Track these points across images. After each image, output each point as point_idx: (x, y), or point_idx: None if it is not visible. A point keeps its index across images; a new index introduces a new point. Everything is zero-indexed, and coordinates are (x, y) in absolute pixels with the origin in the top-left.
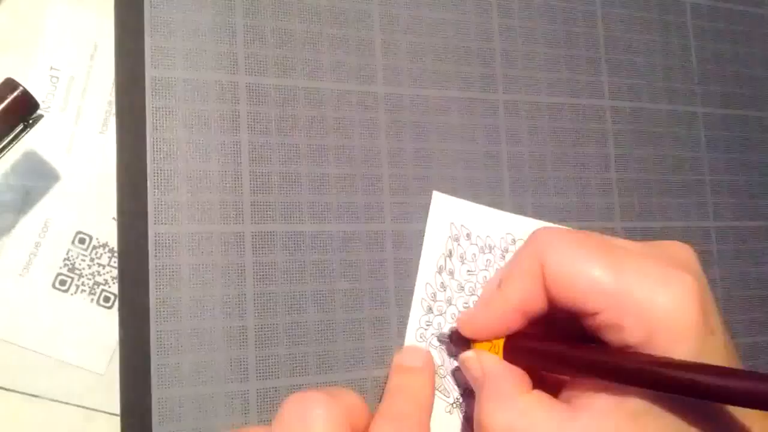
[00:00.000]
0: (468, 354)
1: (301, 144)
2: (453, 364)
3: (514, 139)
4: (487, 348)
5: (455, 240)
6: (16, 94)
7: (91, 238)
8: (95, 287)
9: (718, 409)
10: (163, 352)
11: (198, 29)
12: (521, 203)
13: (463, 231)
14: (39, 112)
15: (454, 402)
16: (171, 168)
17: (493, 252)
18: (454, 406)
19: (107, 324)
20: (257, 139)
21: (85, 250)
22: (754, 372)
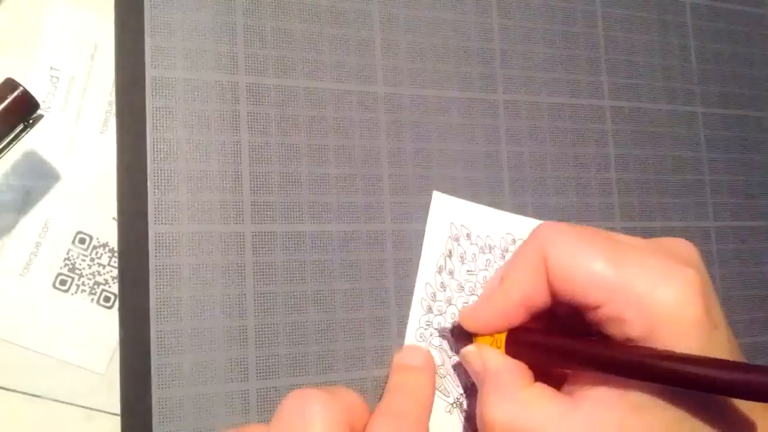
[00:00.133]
0: (469, 348)
1: (301, 144)
2: (454, 363)
3: (514, 139)
4: (489, 342)
5: (455, 240)
6: (16, 94)
7: (92, 238)
8: (95, 287)
9: (722, 402)
10: (163, 352)
11: (198, 29)
12: (521, 203)
13: (463, 231)
14: (39, 112)
15: (454, 402)
16: (171, 168)
17: (493, 252)
18: (454, 405)
19: (107, 324)
20: (257, 139)
21: (86, 250)
22: (760, 365)
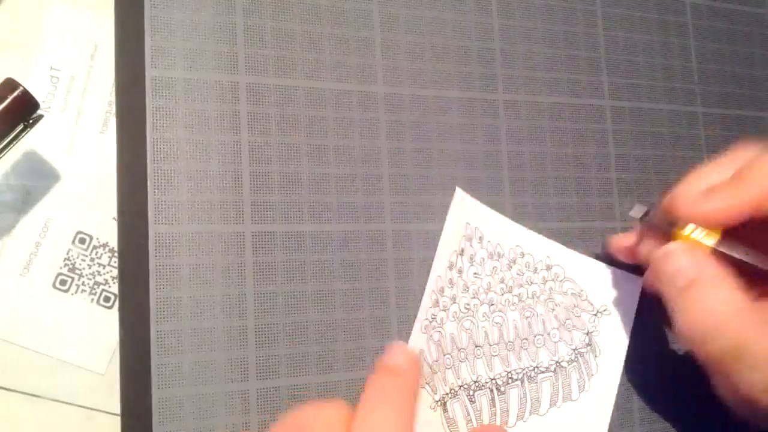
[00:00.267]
0: (675, 246)
1: (301, 144)
2: (449, 360)
3: (514, 139)
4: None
5: (468, 240)
6: (16, 94)
7: (92, 238)
8: (95, 287)
9: None
10: (163, 352)
11: (198, 29)
12: (521, 203)
13: (477, 233)
14: (39, 112)
15: (439, 399)
16: (171, 168)
17: (501, 260)
18: (438, 403)
19: (107, 324)
20: (257, 139)
21: (86, 250)
22: None
